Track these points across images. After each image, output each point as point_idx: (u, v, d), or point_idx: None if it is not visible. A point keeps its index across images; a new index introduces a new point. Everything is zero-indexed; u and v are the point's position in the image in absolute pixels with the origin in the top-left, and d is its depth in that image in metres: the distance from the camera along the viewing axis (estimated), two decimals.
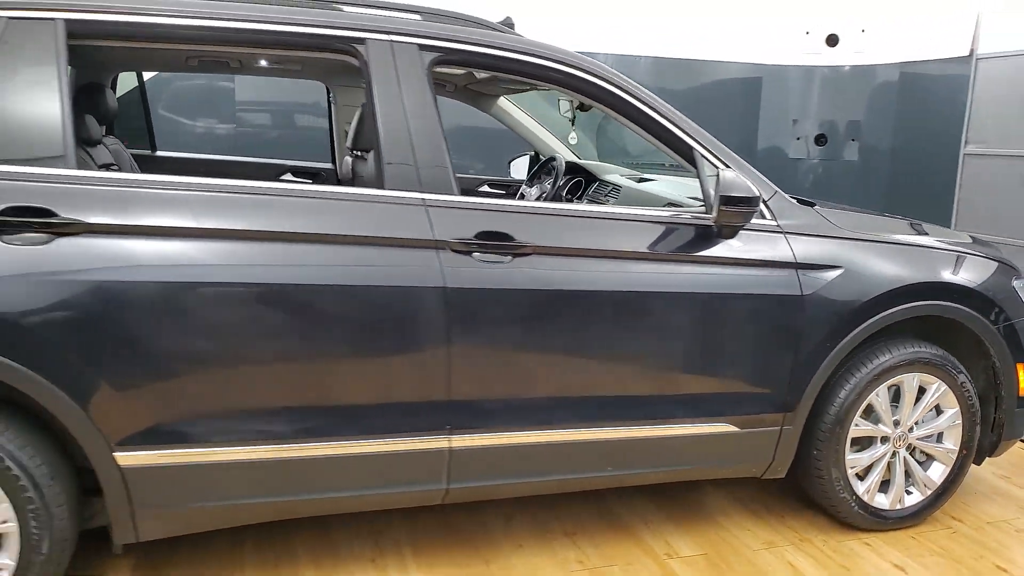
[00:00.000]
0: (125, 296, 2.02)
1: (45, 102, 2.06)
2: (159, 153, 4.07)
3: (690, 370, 2.55)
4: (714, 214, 2.46)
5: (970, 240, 3.14)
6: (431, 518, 2.85)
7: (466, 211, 2.32)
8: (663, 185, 3.46)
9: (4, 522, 2.04)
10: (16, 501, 2.02)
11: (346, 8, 2.50)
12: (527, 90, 3.62)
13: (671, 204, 2.89)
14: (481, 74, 2.54)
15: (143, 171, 3.38)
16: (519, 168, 4.30)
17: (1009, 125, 6.20)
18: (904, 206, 6.62)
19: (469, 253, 2.28)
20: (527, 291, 2.33)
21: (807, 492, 2.95)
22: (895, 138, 7.24)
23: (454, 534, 2.78)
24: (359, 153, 3.29)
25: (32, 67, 2.06)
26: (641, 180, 3.62)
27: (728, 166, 2.54)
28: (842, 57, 7.32)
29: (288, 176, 3.84)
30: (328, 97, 3.71)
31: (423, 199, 2.28)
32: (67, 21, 2.11)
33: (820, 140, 7.51)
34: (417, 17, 2.50)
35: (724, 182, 2.40)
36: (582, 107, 3.25)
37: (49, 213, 1.98)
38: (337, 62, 2.56)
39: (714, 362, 2.58)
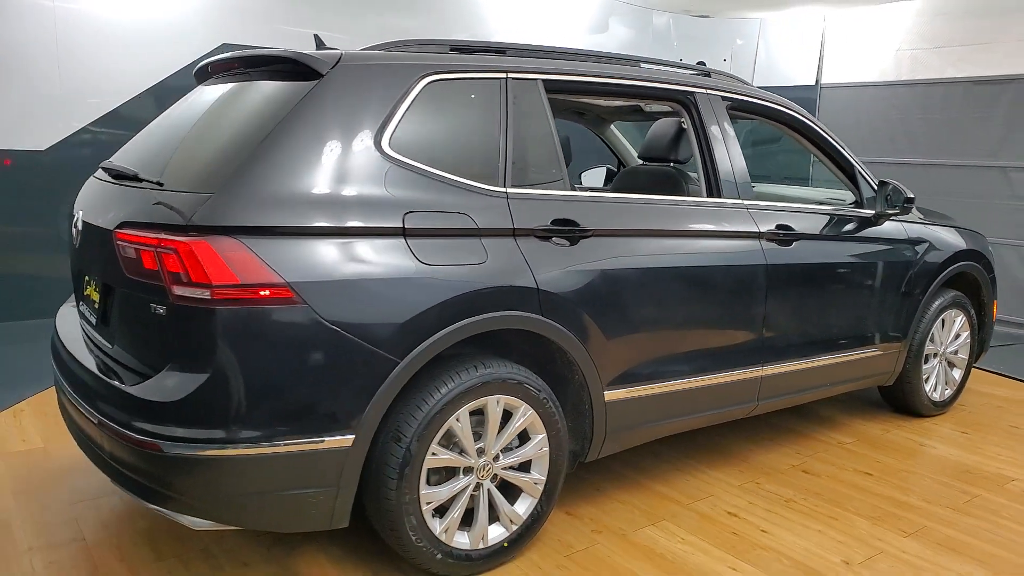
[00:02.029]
0: (617, 279, 2.84)
1: (548, 141, 2.81)
2: None
3: (865, 314, 3.83)
4: (893, 209, 3.76)
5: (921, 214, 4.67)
6: (683, 444, 3.85)
7: (768, 211, 3.38)
8: (777, 188, 4.73)
9: (542, 448, 2.77)
10: (550, 432, 2.77)
11: (642, 65, 3.43)
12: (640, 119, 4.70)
13: (819, 203, 4.13)
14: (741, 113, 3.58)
15: None
16: (590, 178, 5.32)
17: (847, 139, 8.28)
18: None
19: (774, 239, 3.35)
20: (800, 264, 3.46)
21: (895, 394, 4.36)
22: (754, 149, 9.15)
23: (705, 449, 3.80)
24: None
25: (535, 114, 2.80)
26: None
27: (878, 179, 3.84)
28: None
29: None
30: None
31: (744, 204, 3.31)
32: (544, 81, 2.87)
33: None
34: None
35: (904, 189, 3.71)
36: None
37: (574, 223, 2.76)
38: None
39: (875, 307, 3.87)
